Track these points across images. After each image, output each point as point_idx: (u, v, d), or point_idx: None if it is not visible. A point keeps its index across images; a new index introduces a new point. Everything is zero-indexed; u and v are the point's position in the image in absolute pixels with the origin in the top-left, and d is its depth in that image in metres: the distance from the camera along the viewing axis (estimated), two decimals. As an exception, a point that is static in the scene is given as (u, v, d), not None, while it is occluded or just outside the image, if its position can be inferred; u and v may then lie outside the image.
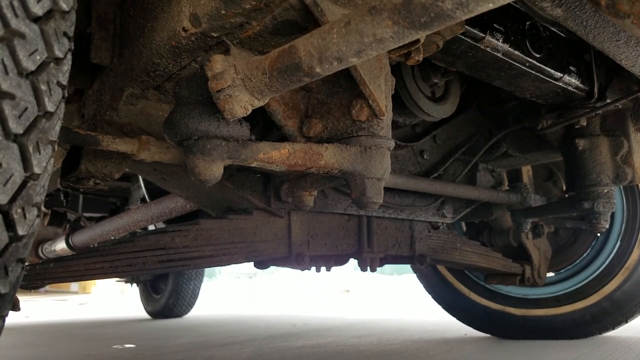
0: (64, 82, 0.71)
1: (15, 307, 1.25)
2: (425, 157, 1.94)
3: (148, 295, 5.35)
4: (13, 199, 0.65)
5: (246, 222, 1.52)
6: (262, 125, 1.69)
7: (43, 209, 2.48)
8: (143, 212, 2.13)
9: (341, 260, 1.91)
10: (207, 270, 12.87)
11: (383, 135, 1.06)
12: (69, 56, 0.73)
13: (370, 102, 0.99)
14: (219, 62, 0.85)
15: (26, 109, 0.64)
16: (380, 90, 0.99)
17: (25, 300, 9.70)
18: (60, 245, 2.94)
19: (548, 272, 2.60)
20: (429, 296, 2.97)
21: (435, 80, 1.64)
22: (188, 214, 2.03)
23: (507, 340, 2.66)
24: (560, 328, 2.53)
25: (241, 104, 0.86)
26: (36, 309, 7.39)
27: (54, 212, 3.28)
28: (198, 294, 5.11)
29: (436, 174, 1.93)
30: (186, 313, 5.16)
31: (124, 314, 6.06)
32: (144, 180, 2.51)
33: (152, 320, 5.04)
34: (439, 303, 2.91)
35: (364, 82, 0.96)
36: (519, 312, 2.65)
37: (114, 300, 9.87)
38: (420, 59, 1.16)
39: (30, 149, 0.66)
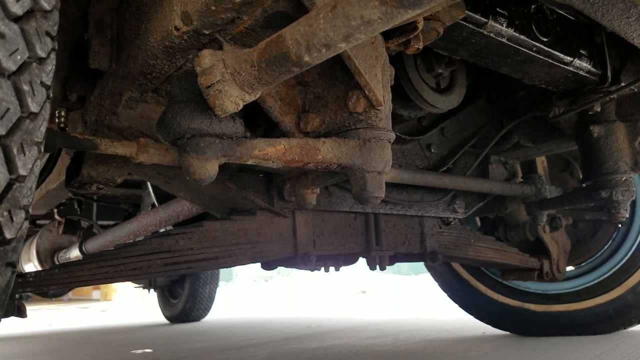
0: (48, 82, 0.70)
1: (22, 313, 1.25)
2: (432, 150, 1.90)
3: (166, 300, 5.37)
4: None
5: (250, 222, 1.49)
6: (265, 125, 1.67)
7: (57, 217, 2.49)
8: (152, 216, 2.13)
9: (350, 260, 1.88)
10: (224, 273, 12.92)
11: (382, 127, 1.02)
12: (53, 56, 0.71)
13: (366, 92, 0.95)
14: (208, 57, 0.82)
15: (8, 109, 0.63)
16: (377, 79, 0.96)
17: (49, 308, 9.85)
18: (75, 253, 2.96)
19: (568, 266, 2.52)
20: (446, 295, 2.92)
21: (440, 71, 1.60)
22: (197, 216, 2.01)
23: (527, 337, 2.60)
24: (582, 323, 2.45)
25: (231, 99, 0.83)
26: (59, 317, 7.49)
27: (68, 221, 3.30)
28: (214, 297, 5.12)
29: (445, 168, 1.89)
30: (203, 317, 5.17)
31: (144, 320, 6.10)
32: (152, 185, 2.51)
33: (170, 325, 5.06)
34: (455, 301, 2.85)
35: (358, 71, 0.93)
36: (539, 308, 2.58)
37: (134, 306, 9.96)
38: (420, 47, 1.12)
39: (15, 151, 0.64)
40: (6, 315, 1.12)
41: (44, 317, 7.37)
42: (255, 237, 1.51)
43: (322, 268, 1.83)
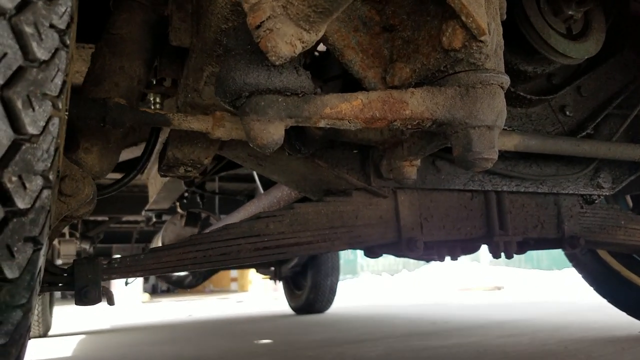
0: (62, 27, 0.59)
1: (111, 300, 1.23)
2: (567, 113, 1.56)
3: (291, 291, 5.46)
4: (3, 165, 0.55)
5: (345, 204, 1.33)
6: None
7: (180, 210, 2.53)
8: (256, 204, 2.08)
9: (470, 247, 1.63)
10: (349, 267, 12.98)
11: (490, 68, 0.79)
12: None
13: (463, 18, 0.73)
14: (255, -10, 0.68)
15: (5, 54, 0.53)
16: (477, 3, 0.73)
17: (191, 300, 10.69)
18: (195, 244, 3.05)
19: None
20: (592, 289, 2.49)
21: (570, 13, 1.29)
22: (297, 201, 1.91)
23: (701, 340, 2.11)
24: None
25: (285, 38, 0.67)
26: (199, 307, 8.04)
27: (189, 213, 3.43)
28: (335, 289, 5.07)
29: (584, 134, 1.54)
30: (327, 309, 5.15)
31: (273, 311, 6.28)
32: (257, 173, 2.47)
33: (295, 316, 5.12)
34: (604, 296, 2.42)
35: (450, -8, 0.71)
36: None
37: (267, 297, 10.40)
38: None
39: (19, 104, 0.55)
40: (92, 302, 1.10)
41: (186, 308, 7.96)
42: (352, 221, 1.34)
43: (436, 257, 1.62)
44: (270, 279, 5.70)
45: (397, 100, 0.80)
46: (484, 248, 1.71)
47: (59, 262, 4.67)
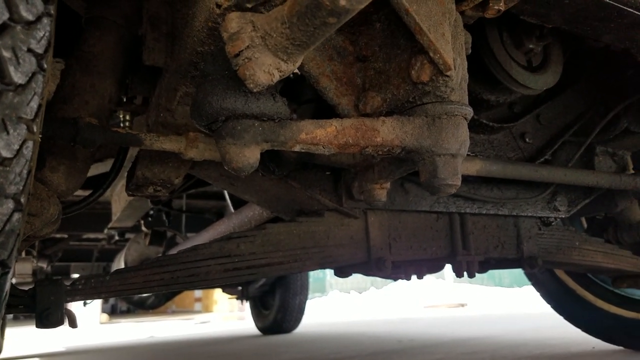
0: (40, 51, 0.60)
1: (73, 323, 1.20)
2: (527, 140, 1.64)
3: (258, 311, 5.38)
4: None
5: (317, 224, 1.35)
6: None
7: (144, 229, 2.48)
8: (226, 223, 2.07)
9: (434, 266, 1.67)
10: (317, 285, 12.95)
11: (455, 100, 0.84)
12: (46, 21, 0.62)
13: (431, 54, 0.78)
14: (235, 20, 0.70)
15: None
16: (445, 40, 0.78)
17: (152, 320, 10.39)
18: (160, 263, 2.99)
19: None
20: (550, 306, 2.58)
21: (530, 46, 1.37)
22: (269, 221, 1.91)
23: (648, 355, 2.21)
24: None
25: (264, 67, 0.70)
26: (161, 328, 7.82)
27: (154, 232, 3.37)
28: (304, 309, 5.03)
29: (542, 160, 1.62)
30: (294, 328, 5.10)
31: (239, 331, 6.18)
32: (228, 192, 2.46)
33: (262, 337, 5.06)
34: (560, 313, 2.52)
35: (420, 29, 0.76)
36: (659, 321, 2.18)
37: (233, 317, 10.22)
38: (501, 9, 0.93)
39: None
40: (54, 325, 1.07)
41: (147, 329, 7.74)
42: (324, 241, 1.36)
43: (403, 276, 1.65)
44: (237, 298, 5.62)
45: (369, 128, 0.84)
46: (449, 266, 1.76)
47: (13, 281, 4.49)
